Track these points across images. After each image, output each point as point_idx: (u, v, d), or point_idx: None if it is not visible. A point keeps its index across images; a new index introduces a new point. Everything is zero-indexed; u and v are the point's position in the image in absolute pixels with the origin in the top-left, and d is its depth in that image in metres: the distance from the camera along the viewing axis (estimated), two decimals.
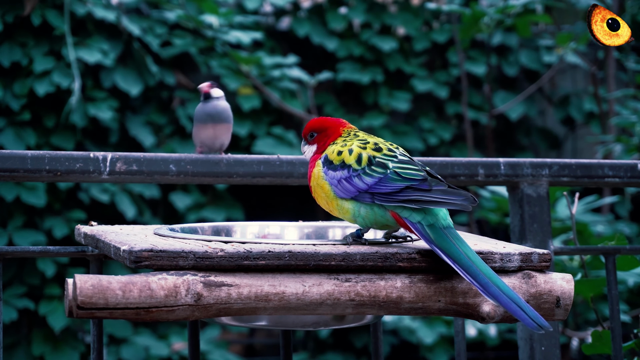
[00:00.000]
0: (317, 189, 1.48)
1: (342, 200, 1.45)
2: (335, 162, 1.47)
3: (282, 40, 5.07)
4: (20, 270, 4.14)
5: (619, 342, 1.93)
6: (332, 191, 1.46)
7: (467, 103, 4.78)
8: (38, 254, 1.76)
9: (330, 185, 1.46)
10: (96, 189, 4.25)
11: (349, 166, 1.45)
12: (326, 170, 1.47)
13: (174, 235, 1.48)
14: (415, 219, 1.41)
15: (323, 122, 1.54)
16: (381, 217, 1.44)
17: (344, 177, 1.45)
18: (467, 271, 1.34)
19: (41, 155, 1.79)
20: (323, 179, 1.47)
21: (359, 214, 1.44)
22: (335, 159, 1.47)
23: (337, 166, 1.46)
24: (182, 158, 1.89)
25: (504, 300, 1.32)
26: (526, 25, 4.46)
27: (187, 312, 1.31)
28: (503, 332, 4.38)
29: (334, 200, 1.46)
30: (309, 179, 1.51)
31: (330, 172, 1.47)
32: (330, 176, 1.46)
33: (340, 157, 1.47)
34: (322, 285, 1.35)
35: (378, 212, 1.43)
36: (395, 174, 1.43)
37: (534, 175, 2.03)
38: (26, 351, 4.15)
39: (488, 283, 1.33)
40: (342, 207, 1.45)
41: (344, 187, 1.45)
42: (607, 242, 2.03)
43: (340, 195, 1.45)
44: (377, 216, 1.44)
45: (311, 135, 1.54)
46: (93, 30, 4.39)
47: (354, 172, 1.45)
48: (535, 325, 1.32)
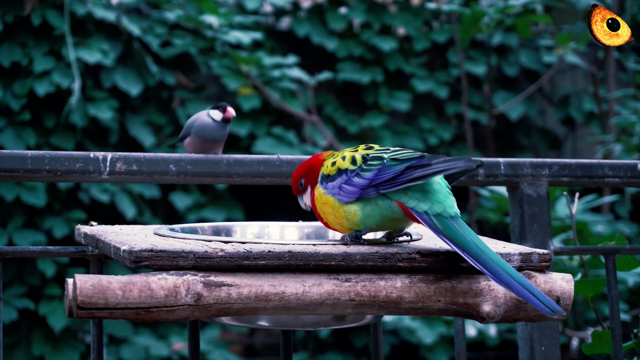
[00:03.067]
0: (324, 207, 1.47)
1: (347, 205, 1.44)
2: (331, 173, 1.46)
3: (282, 40, 5.07)
4: (20, 270, 4.14)
5: (619, 342, 1.93)
6: (336, 200, 1.45)
7: (467, 103, 4.78)
8: (38, 254, 1.76)
9: (332, 195, 1.45)
10: (96, 189, 4.25)
11: (346, 170, 1.45)
12: (325, 184, 1.47)
13: (174, 235, 1.48)
14: (421, 209, 1.40)
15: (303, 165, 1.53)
16: (387, 209, 1.42)
17: (344, 182, 1.45)
18: (477, 259, 1.34)
19: (41, 155, 1.79)
20: (325, 195, 1.46)
21: (365, 214, 1.43)
22: (331, 171, 1.47)
23: (335, 175, 1.46)
24: (182, 158, 1.89)
25: (515, 287, 1.32)
26: (526, 25, 4.46)
27: (187, 312, 1.31)
28: (503, 332, 4.38)
29: (340, 209, 1.44)
30: (313, 207, 1.50)
31: (330, 184, 1.46)
32: (331, 187, 1.46)
33: (335, 167, 1.46)
34: (322, 285, 1.35)
35: (384, 206, 1.42)
36: (393, 160, 1.42)
37: (534, 175, 2.03)
38: (26, 351, 4.15)
39: (498, 270, 1.33)
40: (349, 212, 1.44)
41: (346, 191, 1.44)
42: (607, 242, 2.03)
43: (344, 200, 1.44)
44: (382, 210, 1.42)
45: (300, 184, 1.52)
46: (93, 30, 4.39)
47: (352, 172, 1.44)
48: (548, 310, 1.32)
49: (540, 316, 1.42)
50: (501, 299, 1.40)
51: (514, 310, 1.41)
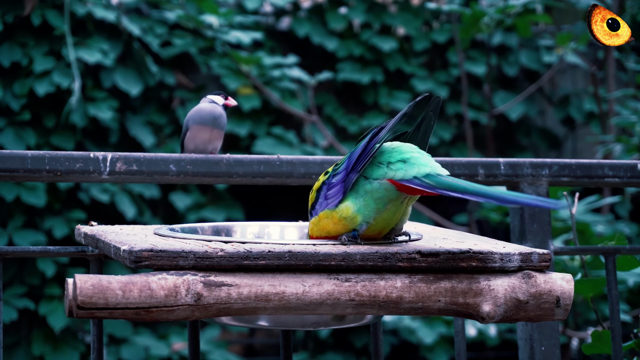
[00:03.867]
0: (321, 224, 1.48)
1: (339, 206, 1.45)
2: (313, 199, 1.50)
3: (282, 40, 5.07)
4: (20, 270, 4.15)
5: (619, 342, 1.93)
6: (327, 210, 1.46)
7: (467, 103, 4.78)
8: (38, 254, 1.76)
9: (324, 209, 1.47)
10: (96, 189, 4.25)
11: (322, 183, 1.48)
12: (315, 212, 1.49)
13: (174, 235, 1.48)
14: (410, 175, 1.41)
15: None
16: (378, 190, 1.42)
17: (325, 192, 1.47)
18: (479, 194, 1.36)
19: (41, 155, 1.79)
20: (316, 216, 1.48)
21: (359, 206, 1.43)
22: (312, 198, 1.50)
23: (316, 196, 1.49)
24: (182, 158, 1.89)
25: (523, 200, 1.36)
26: (526, 25, 4.46)
27: (187, 312, 1.31)
28: (503, 332, 4.39)
29: (334, 213, 1.45)
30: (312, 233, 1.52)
31: (316, 206, 1.49)
32: (318, 206, 1.48)
33: (313, 193, 1.50)
34: (322, 285, 1.35)
35: (374, 189, 1.43)
36: (357, 147, 1.45)
37: (534, 175, 2.03)
38: (26, 351, 4.15)
39: (502, 195, 1.36)
40: (342, 210, 1.44)
41: (331, 195, 1.46)
42: (607, 242, 2.03)
43: (334, 203, 1.45)
44: (374, 194, 1.42)
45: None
46: (93, 30, 4.39)
47: (327, 180, 1.47)
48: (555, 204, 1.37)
49: (540, 316, 1.42)
50: (501, 299, 1.40)
51: (514, 310, 1.41)
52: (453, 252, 1.39)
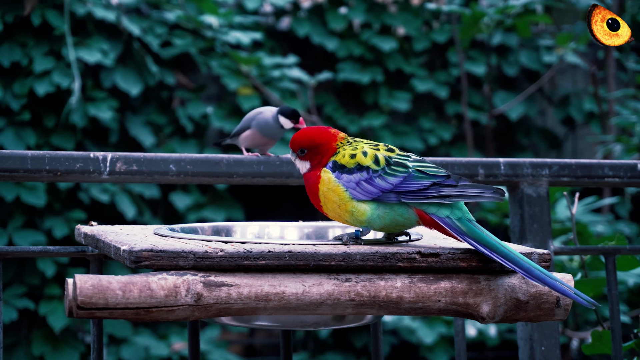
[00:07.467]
0: (329, 193, 1.45)
1: (358, 202, 1.44)
2: (348, 165, 1.44)
3: (282, 40, 5.07)
4: (20, 270, 4.14)
5: (619, 342, 1.93)
6: (347, 194, 1.44)
7: (467, 103, 4.77)
8: (38, 254, 1.76)
9: (345, 188, 1.44)
10: (96, 189, 4.25)
11: (367, 168, 1.44)
12: (338, 174, 1.45)
13: (174, 235, 1.48)
14: (443, 214, 1.40)
15: (312, 139, 1.50)
16: (401, 216, 1.42)
17: (364, 179, 1.44)
18: (507, 258, 1.36)
19: (41, 155, 1.79)
20: (335, 183, 1.44)
21: (376, 215, 1.43)
22: (349, 162, 1.45)
23: (353, 169, 1.44)
24: (182, 158, 1.89)
25: (551, 283, 1.35)
26: (526, 25, 4.46)
27: (187, 312, 1.31)
28: (503, 332, 4.38)
29: (349, 203, 1.44)
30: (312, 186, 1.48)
31: (345, 175, 1.44)
32: (346, 179, 1.44)
33: (355, 160, 1.45)
34: (322, 285, 1.35)
35: (399, 211, 1.42)
36: (419, 172, 1.42)
37: (534, 175, 2.03)
38: (26, 351, 4.15)
39: (530, 268, 1.35)
40: (357, 208, 1.43)
41: (364, 189, 1.43)
42: (607, 242, 2.03)
43: (358, 197, 1.43)
44: (396, 215, 1.42)
45: (301, 151, 1.50)
46: (93, 30, 4.39)
47: (374, 173, 1.43)
48: (586, 302, 1.35)
49: (540, 316, 1.42)
50: (501, 299, 1.41)
51: (514, 310, 1.41)
52: (453, 252, 1.39)
